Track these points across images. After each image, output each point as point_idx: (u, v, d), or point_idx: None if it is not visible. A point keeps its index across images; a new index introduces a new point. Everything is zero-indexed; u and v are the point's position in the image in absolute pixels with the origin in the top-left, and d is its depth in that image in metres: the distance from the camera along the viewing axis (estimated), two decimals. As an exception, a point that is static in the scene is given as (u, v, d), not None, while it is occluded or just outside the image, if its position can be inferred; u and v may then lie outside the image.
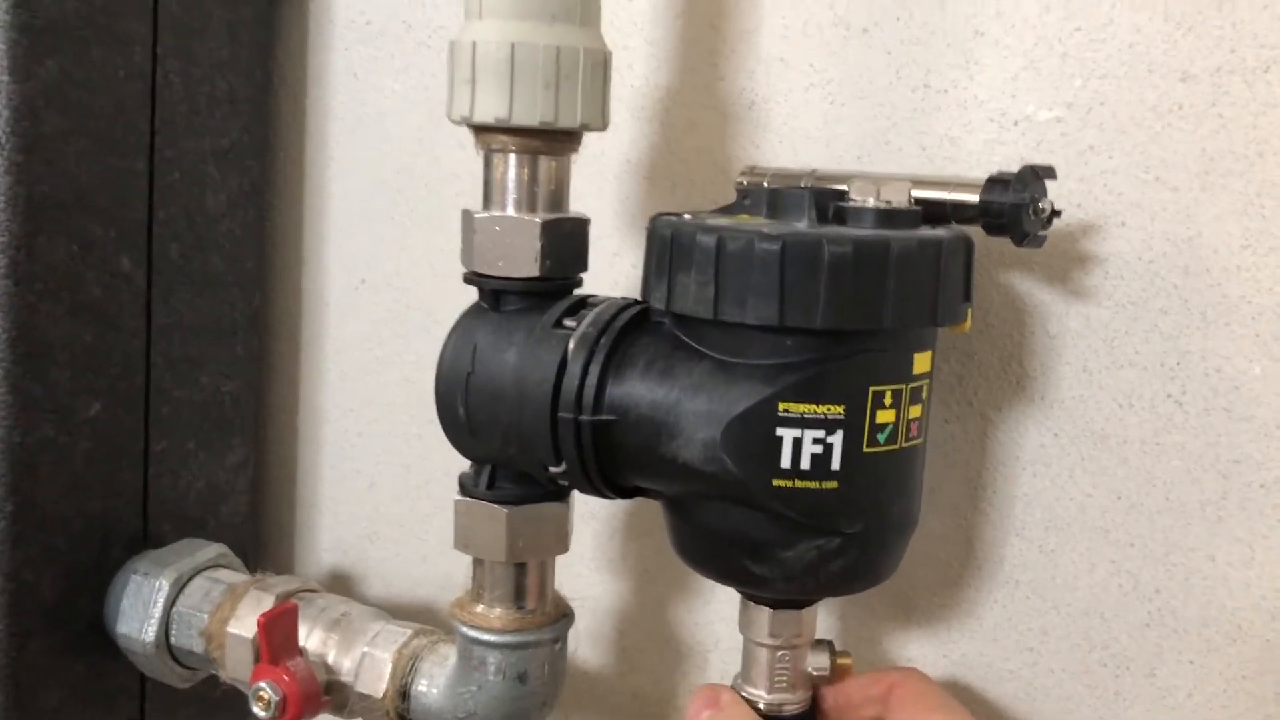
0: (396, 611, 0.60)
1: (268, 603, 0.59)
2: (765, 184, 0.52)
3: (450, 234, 0.67)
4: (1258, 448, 0.49)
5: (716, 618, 0.62)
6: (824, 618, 0.59)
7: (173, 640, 0.61)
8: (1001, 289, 0.53)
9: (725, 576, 0.48)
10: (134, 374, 0.63)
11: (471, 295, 0.51)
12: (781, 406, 0.43)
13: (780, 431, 0.43)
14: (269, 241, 0.72)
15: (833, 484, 0.43)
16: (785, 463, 0.43)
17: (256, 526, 0.72)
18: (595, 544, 0.65)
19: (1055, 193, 0.52)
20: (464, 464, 0.51)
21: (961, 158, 0.53)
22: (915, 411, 0.45)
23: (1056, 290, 0.52)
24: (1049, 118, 0.51)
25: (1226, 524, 0.50)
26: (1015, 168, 0.48)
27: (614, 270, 0.62)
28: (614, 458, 0.47)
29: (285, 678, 0.54)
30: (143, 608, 0.61)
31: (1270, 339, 0.49)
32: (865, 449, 0.44)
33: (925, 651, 0.57)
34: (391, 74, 0.67)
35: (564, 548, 0.53)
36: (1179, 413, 0.51)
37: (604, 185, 0.62)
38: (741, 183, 0.54)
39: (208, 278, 0.66)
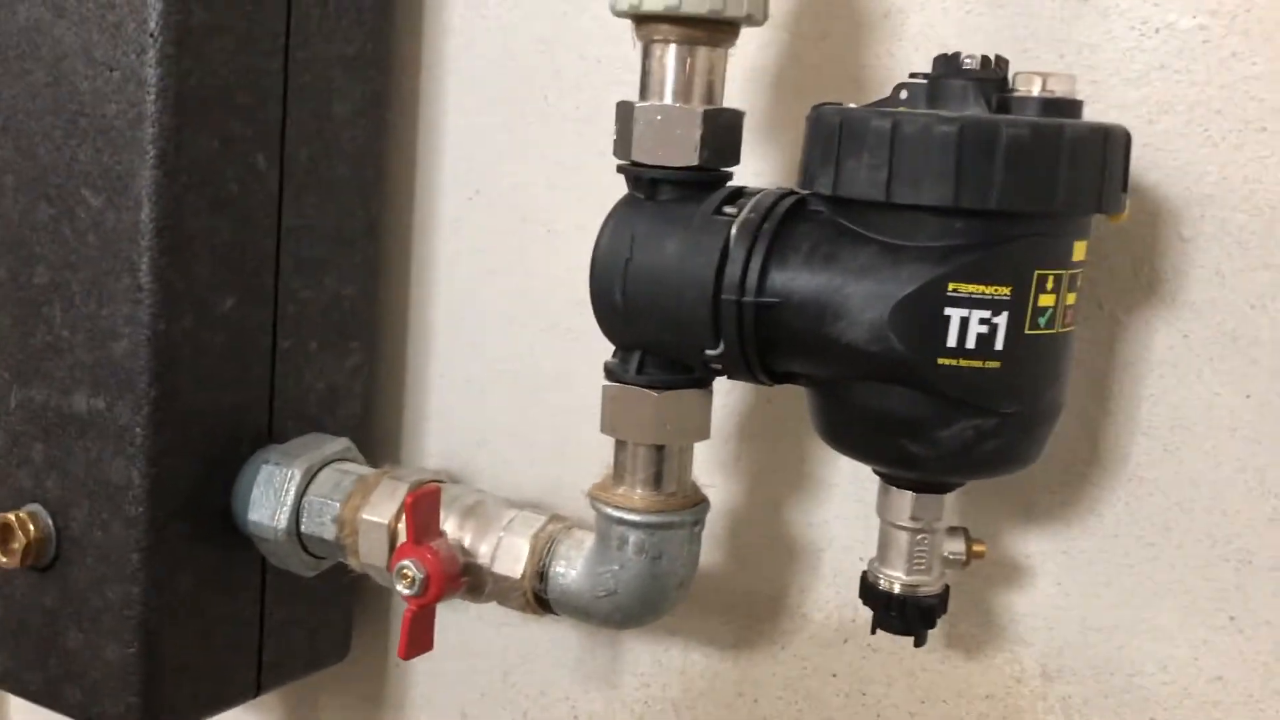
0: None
1: (401, 491, 0.60)
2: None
3: (568, 148, 0.68)
4: (1389, 347, 0.51)
5: (832, 517, 0.64)
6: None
7: (303, 528, 0.63)
8: (1136, 192, 0.54)
9: (876, 457, 0.50)
10: (265, 272, 0.64)
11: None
12: (951, 286, 0.44)
13: (948, 311, 0.45)
14: (385, 152, 0.73)
15: (995, 364, 0.45)
16: (952, 342, 0.45)
17: (368, 430, 0.74)
18: (709, 447, 0.66)
19: (1196, 99, 0.53)
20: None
21: (1100, 65, 0.54)
22: (1071, 299, 0.47)
23: (1192, 194, 0.53)
24: (1191, 25, 0.53)
25: (1354, 422, 0.52)
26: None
27: (739, 175, 0.63)
28: (774, 341, 0.48)
29: (429, 556, 0.56)
30: (274, 496, 0.63)
31: (1406, 242, 0.50)
32: (1027, 330, 0.45)
33: (1044, 547, 0.59)
34: (513, -13, 0.68)
35: (705, 434, 0.54)
36: (1311, 313, 0.52)
37: (729, 90, 0.63)
38: None
39: (333, 183, 0.68)
